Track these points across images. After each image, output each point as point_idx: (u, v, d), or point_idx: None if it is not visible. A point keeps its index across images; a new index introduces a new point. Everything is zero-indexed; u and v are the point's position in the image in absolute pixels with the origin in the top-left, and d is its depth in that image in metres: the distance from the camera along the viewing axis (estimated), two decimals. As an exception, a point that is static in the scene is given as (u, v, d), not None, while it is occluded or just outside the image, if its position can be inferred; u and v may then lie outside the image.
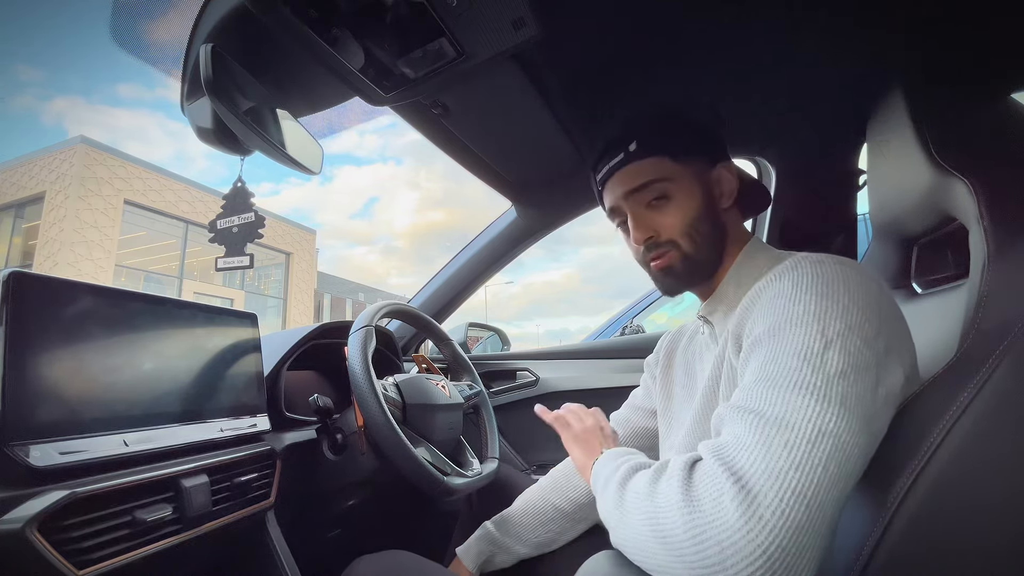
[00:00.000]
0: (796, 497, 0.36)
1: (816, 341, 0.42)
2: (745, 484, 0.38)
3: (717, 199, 0.63)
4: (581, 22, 0.69)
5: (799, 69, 0.80)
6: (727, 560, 0.36)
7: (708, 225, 0.61)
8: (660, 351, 0.78)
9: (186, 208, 11.45)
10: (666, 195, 0.61)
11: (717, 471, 0.40)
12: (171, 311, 0.70)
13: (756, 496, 0.37)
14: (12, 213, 10.48)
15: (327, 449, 0.91)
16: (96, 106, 30.79)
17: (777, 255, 0.60)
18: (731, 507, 0.37)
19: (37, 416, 0.51)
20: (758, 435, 0.40)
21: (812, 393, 0.40)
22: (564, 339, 41.80)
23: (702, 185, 0.62)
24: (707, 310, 0.64)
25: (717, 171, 0.63)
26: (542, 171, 1.08)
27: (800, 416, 0.39)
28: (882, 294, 0.46)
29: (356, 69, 0.64)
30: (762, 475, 0.38)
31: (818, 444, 0.38)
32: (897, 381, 0.43)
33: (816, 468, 0.37)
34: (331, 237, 59.00)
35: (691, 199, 0.61)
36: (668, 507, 0.41)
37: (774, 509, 0.36)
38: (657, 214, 0.62)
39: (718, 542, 0.37)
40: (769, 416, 0.40)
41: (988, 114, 0.53)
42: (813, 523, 0.36)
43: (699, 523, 0.38)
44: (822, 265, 0.47)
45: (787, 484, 0.37)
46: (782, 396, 0.41)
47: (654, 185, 0.61)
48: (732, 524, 0.37)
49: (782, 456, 0.38)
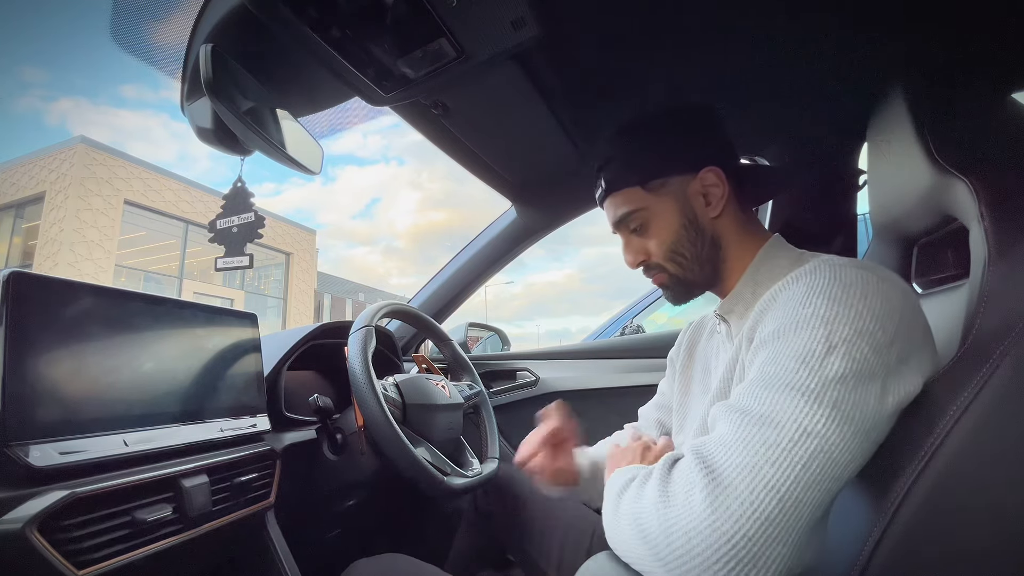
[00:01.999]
0: (768, 491, 0.37)
1: (819, 345, 0.41)
2: (717, 477, 0.38)
3: (702, 211, 0.61)
4: (581, 22, 0.69)
5: (799, 69, 0.80)
6: (694, 548, 0.37)
7: (691, 244, 0.61)
8: (682, 344, 0.76)
9: (186, 208, 11.46)
10: (644, 224, 0.62)
11: (693, 467, 0.40)
12: (171, 311, 0.70)
13: (726, 487, 0.38)
14: (12, 213, 10.48)
15: (327, 449, 0.91)
16: (101, 107, 30.84)
17: (798, 256, 0.59)
18: (699, 497, 0.38)
19: (37, 416, 0.51)
20: (740, 432, 0.40)
21: (804, 395, 0.40)
22: (565, 339, 41.82)
23: (681, 205, 0.61)
24: (724, 309, 0.63)
25: (699, 181, 0.61)
26: (542, 171, 1.08)
27: (786, 416, 0.39)
28: (905, 302, 0.44)
29: (356, 69, 0.64)
30: (735, 468, 0.38)
31: (800, 443, 0.38)
32: (912, 390, 0.42)
33: (795, 465, 0.37)
34: (333, 237, 59.08)
35: (668, 223, 0.61)
36: (648, 506, 0.42)
37: (743, 500, 0.37)
38: (642, 239, 0.63)
39: (685, 532, 0.38)
40: (754, 414, 0.41)
41: (988, 114, 0.53)
42: (786, 518, 0.37)
43: (670, 516, 0.39)
44: (842, 269, 0.46)
45: (759, 477, 0.37)
46: (772, 396, 0.41)
47: (631, 216, 0.62)
48: (699, 513, 0.37)
49: (759, 452, 0.38)
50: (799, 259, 0.58)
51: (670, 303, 0.67)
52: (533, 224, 1.27)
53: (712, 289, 0.65)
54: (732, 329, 0.62)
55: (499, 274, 1.47)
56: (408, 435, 0.80)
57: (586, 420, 0.79)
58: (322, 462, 0.91)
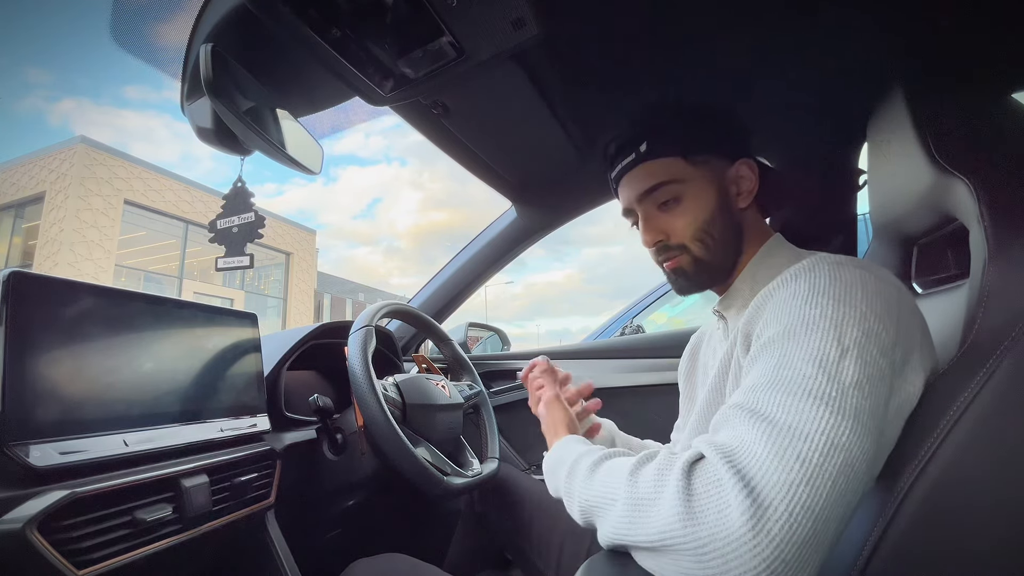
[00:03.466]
0: (805, 512, 0.35)
1: (833, 348, 0.40)
2: (756, 495, 0.36)
3: (733, 199, 0.61)
4: (581, 22, 0.69)
5: (799, 69, 0.80)
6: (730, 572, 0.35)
7: (721, 228, 0.60)
8: (686, 355, 0.76)
9: (186, 208, 11.46)
10: (678, 197, 0.60)
11: (724, 477, 0.37)
12: (171, 311, 0.70)
13: (767, 508, 0.35)
14: (12, 213, 10.48)
15: (327, 449, 0.91)
16: (103, 107, 30.88)
17: (796, 254, 0.59)
18: (737, 517, 0.35)
19: (37, 416, 0.51)
20: (770, 443, 0.38)
21: (827, 404, 0.38)
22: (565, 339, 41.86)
23: (717, 186, 0.60)
24: (722, 305, 0.63)
25: (735, 169, 0.61)
26: (542, 171, 1.08)
27: (814, 427, 0.38)
28: (901, 300, 0.45)
29: (356, 69, 0.64)
30: (774, 487, 0.36)
31: (830, 458, 0.37)
32: (915, 391, 0.42)
33: (827, 483, 0.36)
34: (334, 237, 59.15)
35: (704, 202, 0.59)
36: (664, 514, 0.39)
37: (783, 524, 0.35)
38: (668, 216, 0.60)
39: (723, 555, 0.35)
40: (782, 424, 0.39)
41: (988, 114, 0.52)
42: (818, 538, 0.35)
43: (701, 535, 0.36)
44: (841, 268, 0.46)
45: (798, 498, 0.35)
46: (796, 404, 0.39)
47: (665, 187, 0.60)
48: (738, 536, 0.35)
49: (795, 468, 0.36)
50: (796, 256, 0.58)
51: (676, 291, 0.65)
52: (533, 224, 1.27)
53: (718, 284, 0.64)
54: (729, 325, 0.62)
55: (499, 274, 1.47)
56: (408, 435, 0.80)
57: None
58: (322, 462, 0.91)
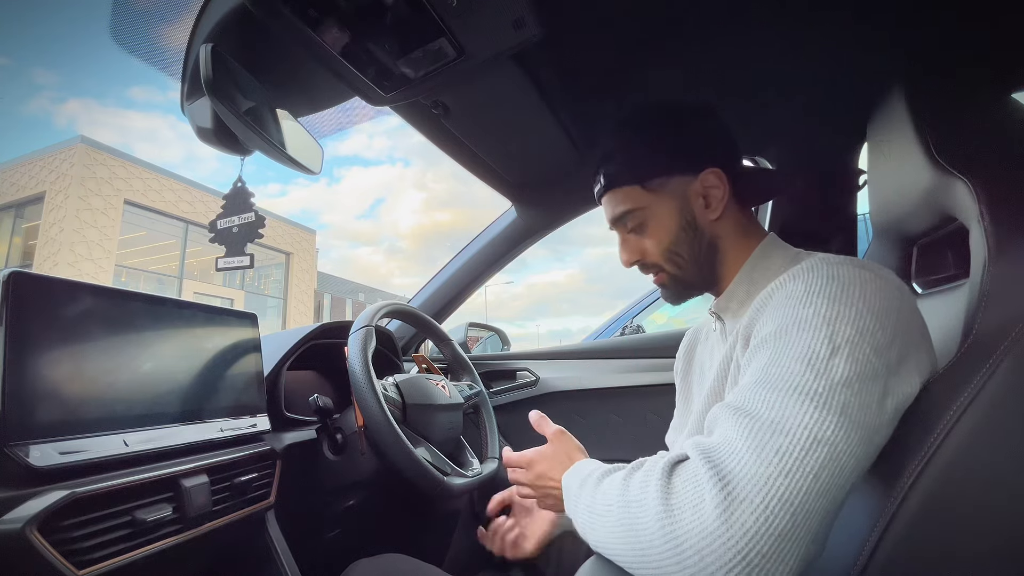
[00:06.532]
0: (782, 504, 0.35)
1: (823, 346, 0.41)
2: (729, 488, 0.36)
3: (701, 213, 0.60)
4: (581, 22, 0.69)
5: (799, 69, 0.80)
6: (707, 567, 0.36)
7: (689, 245, 0.60)
8: (681, 354, 0.76)
9: (186, 208, 11.46)
10: (642, 224, 0.61)
11: (701, 474, 0.38)
12: (171, 311, 0.69)
13: (741, 501, 0.36)
14: (12, 213, 10.48)
15: (327, 449, 0.91)
16: (109, 108, 30.93)
17: (794, 255, 0.59)
18: (710, 509, 0.36)
19: (37, 416, 0.51)
20: (750, 439, 0.38)
21: (812, 399, 0.39)
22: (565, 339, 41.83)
23: (680, 205, 0.60)
24: (719, 307, 0.63)
25: (700, 182, 0.60)
26: (542, 171, 1.08)
27: (796, 422, 0.38)
28: (902, 300, 0.44)
29: (356, 69, 0.64)
30: (749, 480, 0.36)
31: (812, 452, 0.37)
32: (912, 391, 0.42)
33: (807, 476, 0.36)
34: (337, 237, 59.16)
35: (668, 224, 0.60)
36: (649, 516, 0.39)
37: (758, 516, 0.35)
38: (639, 239, 0.63)
39: (698, 550, 0.36)
40: (764, 419, 0.39)
41: (988, 114, 0.52)
42: (797, 531, 0.36)
43: (678, 531, 0.37)
44: (839, 267, 0.46)
45: (774, 490, 0.36)
46: (780, 400, 0.40)
47: (629, 215, 0.62)
48: (712, 529, 0.36)
49: (772, 461, 0.37)
50: (794, 258, 0.58)
51: (667, 302, 0.67)
52: (533, 224, 1.27)
53: (710, 290, 0.64)
54: (726, 327, 0.62)
55: (500, 274, 1.47)
56: (408, 435, 0.80)
57: (586, 420, 0.79)
58: (322, 462, 0.91)
